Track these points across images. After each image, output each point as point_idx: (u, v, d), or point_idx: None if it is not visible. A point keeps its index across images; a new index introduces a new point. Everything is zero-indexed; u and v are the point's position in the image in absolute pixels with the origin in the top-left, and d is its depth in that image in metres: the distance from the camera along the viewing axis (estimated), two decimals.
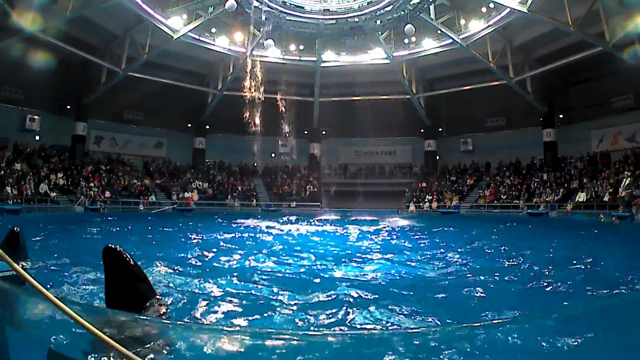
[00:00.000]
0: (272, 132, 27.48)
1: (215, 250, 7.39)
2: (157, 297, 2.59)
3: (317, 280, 4.74)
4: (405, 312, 3.48)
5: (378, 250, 7.93)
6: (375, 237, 10.43)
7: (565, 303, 3.96)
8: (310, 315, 3.34)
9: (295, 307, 3.54)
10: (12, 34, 18.99)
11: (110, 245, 2.37)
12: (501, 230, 13.90)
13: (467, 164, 30.62)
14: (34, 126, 24.05)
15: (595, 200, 20.65)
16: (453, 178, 29.89)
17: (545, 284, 4.71)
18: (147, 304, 2.42)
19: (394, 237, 10.78)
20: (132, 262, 2.43)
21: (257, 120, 24.13)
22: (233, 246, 8.10)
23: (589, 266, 5.90)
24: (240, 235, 10.74)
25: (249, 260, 6.32)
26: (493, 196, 26.18)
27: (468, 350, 1.56)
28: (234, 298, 3.87)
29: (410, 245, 9.02)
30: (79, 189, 22.90)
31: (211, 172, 31.07)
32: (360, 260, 6.54)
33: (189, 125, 30.95)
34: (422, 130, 31.51)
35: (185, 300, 3.61)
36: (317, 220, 17.94)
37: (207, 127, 31.25)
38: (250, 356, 1.55)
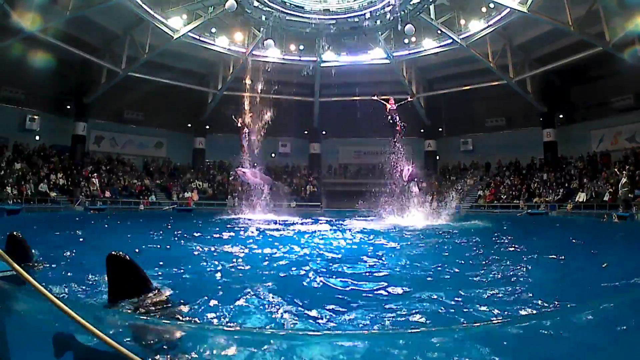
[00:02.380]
0: (272, 132, 27.45)
1: (213, 249, 7.38)
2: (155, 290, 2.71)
3: (316, 280, 4.74)
4: (407, 313, 3.48)
5: (378, 250, 7.93)
6: (375, 238, 10.42)
7: (566, 303, 3.96)
8: (310, 315, 3.34)
9: (294, 307, 3.54)
10: (12, 34, 18.99)
11: (113, 252, 2.46)
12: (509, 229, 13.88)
13: (467, 164, 30.64)
14: (34, 126, 24.06)
15: (595, 200, 20.67)
16: (453, 178, 29.91)
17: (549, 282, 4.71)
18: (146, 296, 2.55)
19: (395, 237, 10.78)
20: (136, 267, 2.54)
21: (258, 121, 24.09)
22: (232, 245, 8.10)
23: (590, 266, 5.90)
24: (239, 234, 10.73)
25: (248, 259, 6.32)
26: (493, 196, 26.19)
27: (468, 350, 1.56)
28: (234, 298, 3.87)
29: (413, 243, 9.03)
30: (81, 189, 22.92)
31: (211, 172, 31.08)
32: (361, 260, 6.53)
33: (189, 125, 30.96)
34: (422, 130, 31.51)
35: (184, 301, 3.61)
36: (315, 219, 17.92)
37: (207, 127, 31.24)
38: (250, 356, 1.55)
